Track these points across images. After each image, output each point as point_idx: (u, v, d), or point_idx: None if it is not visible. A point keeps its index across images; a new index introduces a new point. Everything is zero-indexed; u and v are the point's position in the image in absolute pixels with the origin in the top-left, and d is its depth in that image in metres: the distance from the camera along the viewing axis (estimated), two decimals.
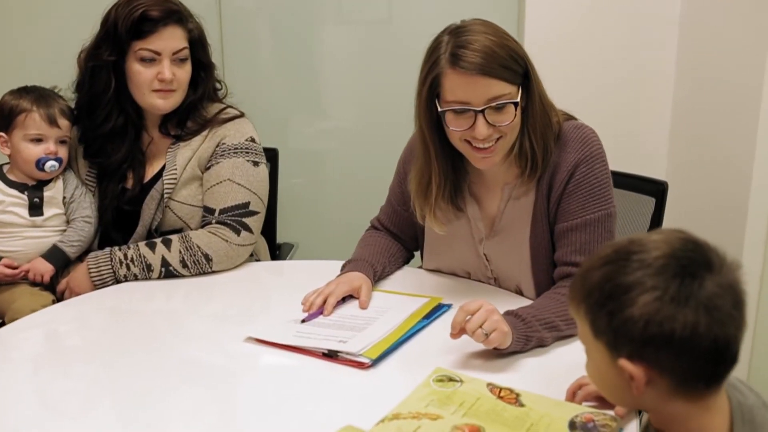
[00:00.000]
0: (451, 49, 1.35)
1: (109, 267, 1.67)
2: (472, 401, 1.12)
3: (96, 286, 1.67)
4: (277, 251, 2.05)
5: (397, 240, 1.74)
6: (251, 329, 1.40)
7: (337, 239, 2.02)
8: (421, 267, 1.74)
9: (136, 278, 1.67)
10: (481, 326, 1.23)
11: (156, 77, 1.68)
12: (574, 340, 1.35)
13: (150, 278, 1.67)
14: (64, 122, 1.73)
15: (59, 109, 1.73)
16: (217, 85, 1.84)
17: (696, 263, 0.83)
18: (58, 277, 1.73)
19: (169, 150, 1.79)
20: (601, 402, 1.11)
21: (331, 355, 1.30)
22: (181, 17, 1.69)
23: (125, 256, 1.67)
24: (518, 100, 1.36)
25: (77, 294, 1.67)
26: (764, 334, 2.10)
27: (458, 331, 1.25)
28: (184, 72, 1.72)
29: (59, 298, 1.71)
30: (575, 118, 1.51)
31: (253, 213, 1.75)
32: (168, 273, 1.67)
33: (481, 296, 1.41)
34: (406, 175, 1.63)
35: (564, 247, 1.46)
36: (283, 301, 1.56)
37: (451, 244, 1.61)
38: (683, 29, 2.35)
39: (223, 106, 1.83)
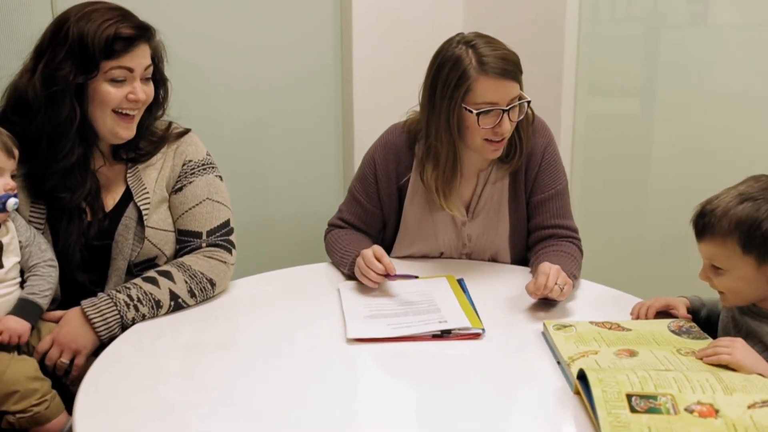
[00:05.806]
0: (476, 58, 1.58)
1: (115, 312, 1.48)
2: (598, 336, 1.40)
3: (101, 337, 1.47)
4: None
5: (364, 235, 1.87)
6: (350, 331, 1.45)
7: None
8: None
9: (144, 318, 1.52)
10: (556, 283, 1.52)
11: (125, 97, 1.54)
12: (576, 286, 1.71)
13: (158, 315, 1.54)
14: (16, 152, 1.47)
15: (9, 138, 1.47)
16: None
17: None
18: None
19: (129, 173, 1.63)
20: (662, 316, 1.49)
21: (442, 335, 1.45)
22: (151, 34, 1.56)
23: (130, 297, 1.50)
24: (529, 99, 1.65)
25: (73, 350, 1.46)
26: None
27: (542, 291, 1.51)
28: (151, 90, 1.60)
29: (41, 360, 1.46)
30: None
31: (233, 230, 1.71)
32: (176, 306, 1.56)
33: (463, 269, 1.74)
34: (387, 175, 1.79)
35: (543, 214, 1.79)
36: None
37: (434, 231, 1.82)
38: None
39: (167, 121, 1.72)
